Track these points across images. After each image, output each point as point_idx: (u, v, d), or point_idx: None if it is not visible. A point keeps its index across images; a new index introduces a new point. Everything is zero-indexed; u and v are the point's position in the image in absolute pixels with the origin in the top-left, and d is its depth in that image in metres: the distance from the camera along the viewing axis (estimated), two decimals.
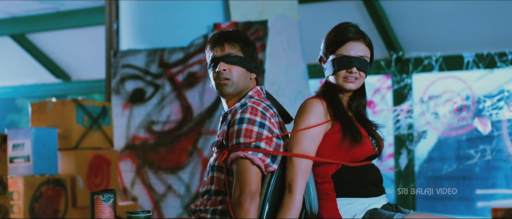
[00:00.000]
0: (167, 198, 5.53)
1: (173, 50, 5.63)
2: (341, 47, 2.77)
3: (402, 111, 7.22)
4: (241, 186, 2.62)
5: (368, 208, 2.71)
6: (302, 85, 5.74)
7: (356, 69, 2.76)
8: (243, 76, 2.83)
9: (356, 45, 2.77)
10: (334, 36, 2.80)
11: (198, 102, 5.52)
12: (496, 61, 6.88)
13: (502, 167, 7.19)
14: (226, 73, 2.81)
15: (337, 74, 2.78)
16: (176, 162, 5.54)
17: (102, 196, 2.25)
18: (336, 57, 2.77)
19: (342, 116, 2.75)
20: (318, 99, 2.78)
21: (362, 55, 2.77)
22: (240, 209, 2.60)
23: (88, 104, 5.14)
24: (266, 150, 2.67)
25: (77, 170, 4.97)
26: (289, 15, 5.74)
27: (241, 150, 2.65)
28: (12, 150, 4.77)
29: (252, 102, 2.75)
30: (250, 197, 2.60)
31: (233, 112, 2.75)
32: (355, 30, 2.79)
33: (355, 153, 2.73)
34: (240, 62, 2.82)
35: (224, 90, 2.84)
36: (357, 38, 2.78)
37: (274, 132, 2.73)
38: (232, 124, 2.73)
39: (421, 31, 7.18)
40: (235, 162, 2.67)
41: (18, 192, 4.62)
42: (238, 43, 2.85)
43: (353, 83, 2.78)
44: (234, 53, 2.82)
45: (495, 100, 6.81)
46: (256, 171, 2.64)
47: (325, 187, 2.73)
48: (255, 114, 2.70)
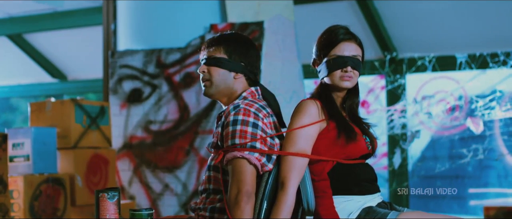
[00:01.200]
0: (164, 197, 5.56)
1: (170, 51, 5.66)
2: (334, 48, 2.85)
3: (396, 111, 7.25)
4: (238, 186, 2.66)
5: (364, 206, 2.77)
6: (297, 85, 5.78)
7: (351, 68, 2.84)
8: (224, 77, 2.88)
9: (349, 45, 2.86)
10: (326, 38, 2.88)
11: (194, 102, 5.56)
12: (488, 61, 6.92)
13: (494, 166, 7.23)
14: (205, 74, 2.90)
15: (332, 74, 2.85)
16: (173, 161, 5.58)
17: (107, 194, 2.30)
18: (330, 58, 2.85)
19: (336, 115, 2.83)
20: (312, 100, 2.85)
21: (355, 54, 2.86)
22: (237, 208, 2.64)
23: (87, 104, 5.17)
24: (262, 150, 2.72)
25: (76, 169, 4.99)
26: (284, 15, 5.78)
27: (237, 151, 2.70)
28: (12, 149, 4.79)
29: (245, 104, 2.79)
30: (247, 196, 2.65)
31: (227, 114, 2.80)
32: (346, 31, 2.88)
33: (349, 151, 2.80)
34: (220, 64, 2.87)
35: (205, 91, 2.92)
36: (348, 38, 2.87)
37: (268, 132, 2.78)
38: (226, 125, 2.77)
39: (415, 32, 7.21)
40: (231, 162, 2.71)
41: (18, 191, 4.64)
42: (221, 45, 2.89)
43: (348, 81, 2.86)
44: (214, 55, 2.88)
45: (487, 100, 6.85)
46: (252, 170, 2.69)
47: (322, 185, 2.79)
48: (248, 115, 2.75)
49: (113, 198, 2.31)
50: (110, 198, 2.31)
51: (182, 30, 5.66)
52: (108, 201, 2.31)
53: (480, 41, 7.04)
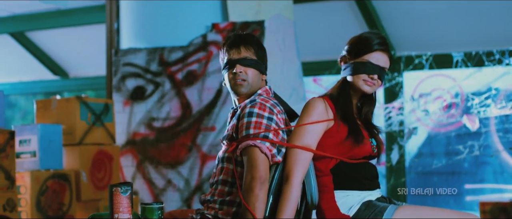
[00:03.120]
0: (167, 192, 5.63)
1: (173, 49, 5.71)
2: (367, 54, 2.94)
3: (393, 108, 7.28)
4: (252, 172, 2.76)
5: (364, 200, 2.88)
6: (297, 82, 5.82)
7: (377, 76, 2.94)
8: (257, 77, 3.00)
9: (382, 56, 2.95)
10: (363, 42, 2.97)
11: (197, 99, 5.62)
12: (484, 60, 6.96)
13: (490, 163, 7.25)
14: (242, 74, 2.98)
15: (358, 76, 2.95)
16: (175, 157, 5.64)
17: (120, 188, 2.39)
18: (361, 61, 2.95)
19: (350, 117, 2.93)
20: (321, 98, 2.95)
21: (384, 66, 2.96)
22: (251, 193, 2.73)
23: (91, 101, 5.23)
24: (273, 140, 2.83)
25: (81, 165, 5.07)
26: (284, 15, 5.82)
27: (251, 140, 2.80)
28: (19, 146, 4.86)
29: (261, 99, 2.91)
30: (260, 182, 2.74)
31: (243, 107, 2.91)
32: (383, 42, 2.97)
33: (354, 152, 2.91)
34: (254, 65, 2.99)
35: (239, 90, 3.00)
36: (383, 50, 2.96)
37: (281, 127, 2.90)
38: (241, 117, 2.88)
39: (412, 31, 7.25)
40: (245, 150, 2.82)
41: (25, 186, 4.72)
42: (252, 46, 3.02)
43: (370, 87, 2.96)
44: (249, 56, 2.99)
45: (483, 98, 6.88)
46: (264, 158, 2.79)
47: (325, 180, 2.90)
48: (264, 109, 2.87)
49: (126, 192, 2.41)
50: (123, 192, 2.40)
51: (184, 29, 5.72)
52: (121, 195, 2.40)
53: (476, 40, 7.07)
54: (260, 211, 2.73)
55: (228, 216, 2.88)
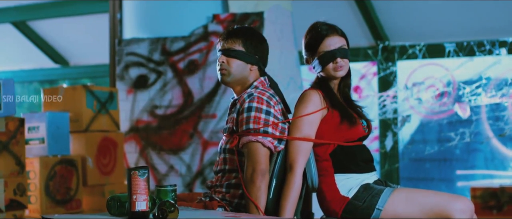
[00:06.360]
0: (169, 178, 5.70)
1: (175, 39, 5.76)
2: (320, 45, 3.10)
3: (388, 96, 7.36)
4: (253, 166, 2.95)
5: (362, 183, 3.05)
6: (294, 71, 5.90)
7: (340, 59, 3.10)
8: (241, 68, 3.13)
9: (332, 39, 3.10)
10: (311, 38, 3.13)
11: (198, 88, 5.69)
12: (475, 50, 7.05)
13: (481, 149, 7.36)
14: (224, 65, 3.14)
15: (325, 69, 3.11)
16: (177, 144, 5.71)
17: (138, 171, 2.54)
18: (320, 54, 3.10)
19: (338, 104, 3.10)
20: (315, 90, 3.12)
21: (340, 45, 3.11)
22: (253, 185, 2.94)
23: (97, 90, 5.29)
24: (274, 135, 3.00)
25: (87, 151, 5.14)
26: (282, 6, 5.89)
27: (252, 135, 2.98)
28: (28, 133, 4.93)
29: (258, 92, 3.06)
30: (261, 175, 2.94)
31: (241, 101, 3.06)
32: (327, 27, 3.12)
33: (349, 134, 3.08)
34: (239, 56, 3.12)
35: (222, 79, 3.17)
36: (330, 33, 3.11)
37: (279, 118, 3.06)
38: (240, 112, 3.04)
39: (406, 22, 7.33)
40: (247, 145, 2.99)
41: (34, 172, 4.80)
42: (240, 38, 3.14)
43: (341, 71, 3.11)
44: (233, 47, 3.12)
45: (474, 87, 6.97)
46: (265, 152, 2.98)
47: (324, 165, 3.08)
48: (261, 103, 3.02)
49: (143, 175, 2.55)
50: (141, 175, 2.55)
51: (186, 20, 5.77)
52: (139, 178, 2.54)
53: (467, 30, 7.16)
54: (262, 202, 2.93)
55: (235, 198, 3.05)
